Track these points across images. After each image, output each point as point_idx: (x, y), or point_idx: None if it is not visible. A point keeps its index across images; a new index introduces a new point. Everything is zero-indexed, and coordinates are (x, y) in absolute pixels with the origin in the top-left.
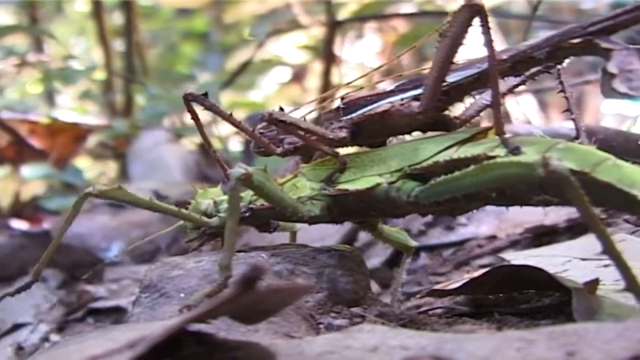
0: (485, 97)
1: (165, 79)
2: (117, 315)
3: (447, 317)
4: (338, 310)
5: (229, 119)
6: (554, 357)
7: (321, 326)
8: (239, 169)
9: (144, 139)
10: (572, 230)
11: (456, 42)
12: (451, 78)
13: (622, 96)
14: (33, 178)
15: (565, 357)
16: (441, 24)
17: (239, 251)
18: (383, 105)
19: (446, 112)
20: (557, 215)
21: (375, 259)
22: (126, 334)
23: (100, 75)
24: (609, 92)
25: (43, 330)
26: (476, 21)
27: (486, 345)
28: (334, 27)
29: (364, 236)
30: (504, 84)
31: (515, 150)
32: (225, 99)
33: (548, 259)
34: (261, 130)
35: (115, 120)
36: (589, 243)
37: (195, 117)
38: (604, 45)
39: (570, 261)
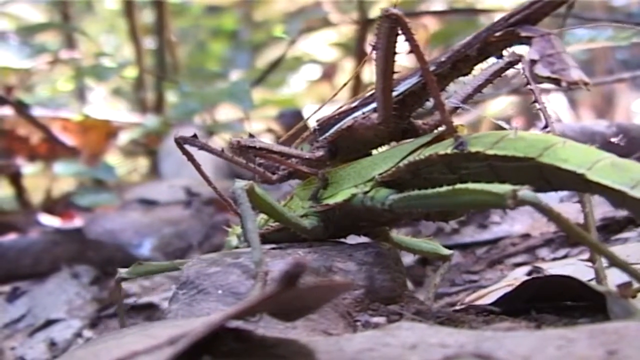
0: (452, 100)
1: (196, 76)
2: (149, 311)
3: (484, 315)
4: (375, 308)
5: (221, 154)
6: (594, 356)
7: (358, 323)
8: (240, 182)
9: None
10: (608, 228)
11: (387, 51)
12: (402, 87)
13: (547, 80)
14: (66, 175)
15: (606, 355)
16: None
17: (275, 248)
18: (348, 121)
19: (417, 121)
20: None
21: (408, 256)
22: (166, 331)
23: (131, 72)
24: (533, 77)
25: (76, 326)
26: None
27: (526, 343)
28: (366, 25)
29: (396, 234)
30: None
31: (460, 146)
32: (256, 96)
33: (584, 265)
34: (259, 161)
35: (146, 118)
36: (625, 247)
37: (190, 157)
38: (525, 33)
39: (608, 266)
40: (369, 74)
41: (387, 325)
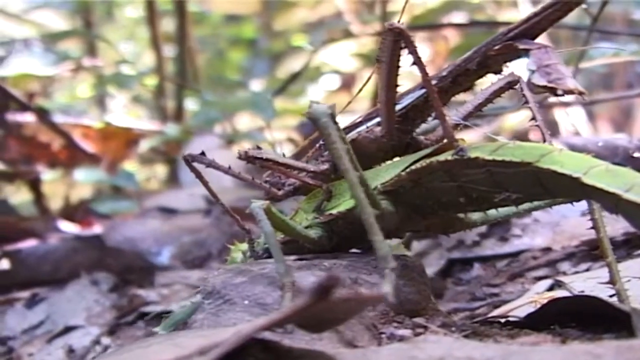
0: (453, 117)
1: (216, 85)
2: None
3: (508, 329)
4: (400, 320)
5: (228, 171)
6: None
7: (383, 336)
8: (257, 202)
9: (195, 144)
10: (629, 243)
11: (391, 65)
12: (405, 101)
13: (544, 89)
14: (86, 182)
15: None
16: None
17: (301, 259)
18: (352, 135)
19: (420, 136)
20: (613, 228)
21: (428, 269)
22: (194, 340)
23: (151, 80)
24: (531, 87)
25: (94, 333)
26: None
27: (552, 358)
28: None
29: (417, 245)
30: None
31: (460, 152)
32: (276, 105)
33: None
34: (266, 179)
35: (166, 125)
36: None
37: (198, 175)
38: (522, 46)
39: (630, 281)
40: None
41: (413, 338)
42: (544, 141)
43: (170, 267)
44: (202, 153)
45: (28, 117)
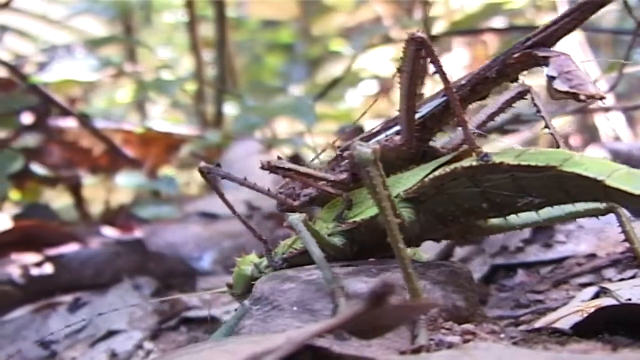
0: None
1: (255, 90)
2: (209, 325)
3: (557, 337)
4: (449, 327)
5: (244, 183)
6: None
7: (432, 343)
8: (294, 216)
9: (235, 149)
10: None
11: (413, 74)
12: (424, 110)
13: (566, 96)
14: (128, 187)
15: None
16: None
17: (348, 265)
18: (372, 143)
19: (436, 145)
20: None
21: None
22: (244, 347)
23: (191, 85)
24: (554, 94)
25: (137, 337)
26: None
27: None
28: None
29: (460, 252)
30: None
31: (485, 158)
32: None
33: None
34: (280, 191)
35: (206, 131)
36: None
37: (214, 187)
38: (542, 54)
39: None
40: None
41: (462, 345)
42: (558, 147)
43: (212, 273)
44: (218, 165)
45: (70, 123)
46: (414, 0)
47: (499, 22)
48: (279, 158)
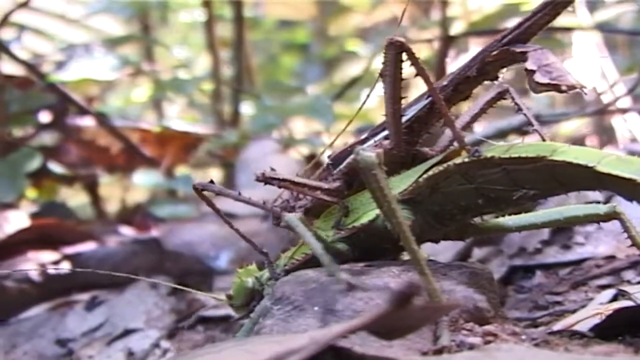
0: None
1: (272, 89)
2: (226, 324)
3: (578, 338)
4: (470, 328)
5: (239, 198)
6: None
7: (453, 344)
8: (290, 214)
9: (252, 148)
10: None
11: (395, 78)
12: (409, 113)
13: (547, 87)
14: (145, 185)
15: None
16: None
17: (368, 265)
18: None
19: (424, 148)
20: None
21: None
22: (265, 346)
23: (208, 85)
24: (535, 87)
25: (154, 336)
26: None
27: None
28: (448, 42)
29: (478, 252)
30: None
31: (476, 153)
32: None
33: None
34: (275, 204)
35: (224, 130)
36: None
37: (209, 203)
38: (519, 50)
39: None
40: None
41: (484, 347)
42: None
43: (228, 272)
44: (211, 181)
45: (87, 121)
46: (431, 0)
47: (516, 23)
48: (272, 169)
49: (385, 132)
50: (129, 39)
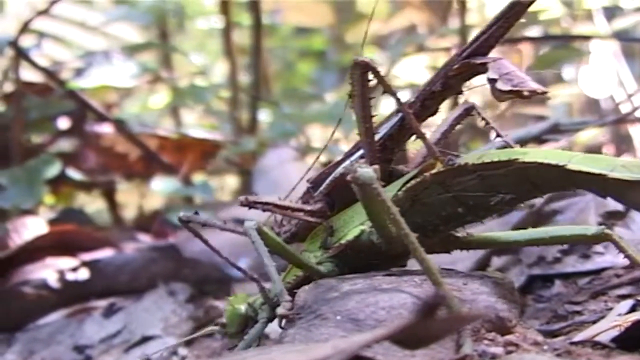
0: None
1: (290, 97)
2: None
3: (600, 349)
4: (492, 338)
5: (224, 227)
6: None
7: (475, 354)
8: (250, 222)
9: (270, 156)
10: None
11: (364, 97)
12: (382, 131)
13: (510, 94)
14: (163, 192)
15: None
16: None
17: (390, 275)
18: (338, 171)
19: (399, 166)
20: None
21: None
22: (289, 355)
23: (225, 92)
24: (498, 95)
25: (171, 343)
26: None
27: None
28: None
29: (496, 261)
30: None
31: (450, 162)
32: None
33: None
34: None
35: (241, 137)
36: None
37: (196, 234)
38: (479, 62)
39: None
40: None
41: (506, 356)
42: None
43: (246, 279)
44: (196, 212)
45: (106, 128)
46: (448, 7)
47: (534, 31)
48: (254, 194)
49: (361, 152)
50: (147, 46)
